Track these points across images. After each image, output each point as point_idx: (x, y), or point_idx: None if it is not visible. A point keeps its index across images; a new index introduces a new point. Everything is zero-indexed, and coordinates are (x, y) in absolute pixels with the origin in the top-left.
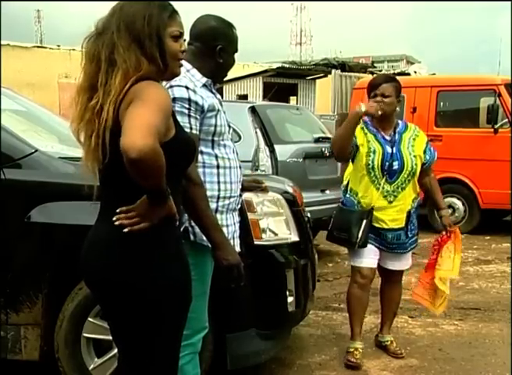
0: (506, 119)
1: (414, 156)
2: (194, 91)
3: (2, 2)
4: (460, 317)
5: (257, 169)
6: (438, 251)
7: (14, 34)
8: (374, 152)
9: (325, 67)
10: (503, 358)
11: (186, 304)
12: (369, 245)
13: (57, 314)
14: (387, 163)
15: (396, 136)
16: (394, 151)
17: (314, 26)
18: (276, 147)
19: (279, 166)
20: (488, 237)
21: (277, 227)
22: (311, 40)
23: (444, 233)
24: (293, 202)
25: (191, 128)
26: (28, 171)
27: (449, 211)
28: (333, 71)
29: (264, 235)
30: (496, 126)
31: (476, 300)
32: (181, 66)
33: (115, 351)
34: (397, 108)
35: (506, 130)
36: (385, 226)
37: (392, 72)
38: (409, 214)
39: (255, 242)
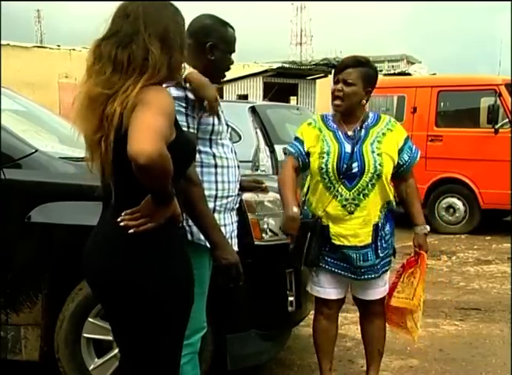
0: (507, 119)
1: (379, 155)
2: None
3: (2, 2)
4: (460, 317)
5: (257, 170)
6: (400, 275)
7: (14, 34)
8: (328, 153)
9: (325, 67)
10: (504, 358)
11: (189, 303)
12: (330, 272)
13: (57, 314)
14: (344, 165)
15: (363, 131)
16: (355, 150)
17: (314, 26)
18: (276, 147)
19: (279, 166)
20: (488, 238)
21: (277, 227)
22: (311, 40)
23: (412, 255)
24: None
25: (189, 127)
26: (28, 171)
27: (427, 229)
28: (333, 71)
29: (264, 235)
30: (496, 127)
31: (476, 300)
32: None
33: (116, 351)
34: (363, 101)
35: (507, 130)
36: (347, 243)
37: (392, 72)
38: (376, 227)
39: (255, 242)
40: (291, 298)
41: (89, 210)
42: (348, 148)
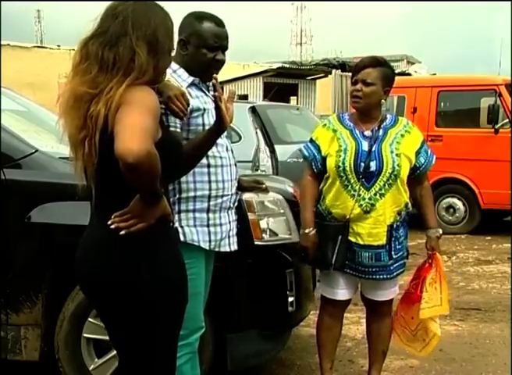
0: (507, 120)
1: (397, 155)
2: None
3: (2, 2)
4: (460, 318)
5: (257, 170)
6: (421, 285)
7: (14, 34)
8: (345, 151)
9: (325, 67)
10: (504, 358)
11: (182, 303)
12: (341, 272)
13: (57, 314)
14: (362, 164)
15: (381, 131)
16: (373, 149)
17: (314, 26)
18: (276, 147)
19: (279, 166)
20: (488, 238)
21: (277, 228)
22: (311, 40)
23: (425, 260)
24: (293, 203)
25: (169, 126)
26: (28, 171)
27: (440, 232)
28: (334, 71)
29: (264, 235)
30: (496, 127)
31: (477, 300)
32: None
33: (116, 351)
34: (383, 101)
35: (507, 130)
36: (361, 242)
37: None
38: (391, 228)
39: (256, 242)
40: (291, 299)
41: (89, 210)
42: (365, 146)
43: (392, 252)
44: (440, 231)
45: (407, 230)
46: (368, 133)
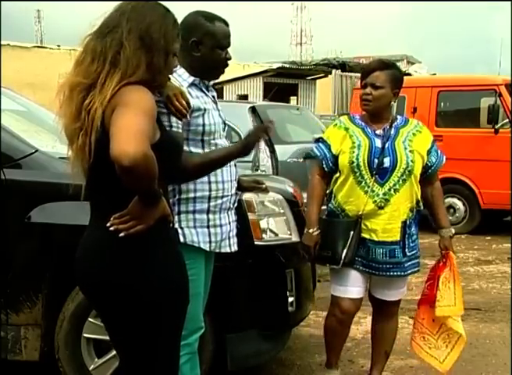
0: (507, 120)
1: (411, 151)
2: None
3: (2, 2)
4: (460, 317)
5: (257, 170)
6: (436, 284)
7: (14, 34)
8: (359, 147)
9: (325, 67)
10: (504, 358)
11: (184, 303)
12: (355, 270)
13: (57, 314)
14: (376, 160)
15: (392, 130)
16: (386, 146)
17: (315, 26)
18: (277, 147)
19: (279, 167)
20: (488, 238)
21: (277, 228)
22: (311, 40)
23: (439, 259)
24: (293, 203)
25: (171, 126)
26: (28, 171)
27: (452, 231)
28: (334, 71)
29: (264, 235)
30: (496, 127)
31: (477, 300)
32: (169, 78)
33: (116, 352)
34: (392, 103)
35: (507, 130)
36: (375, 238)
37: None
38: (404, 224)
39: (256, 242)
40: (291, 299)
41: (89, 210)
42: (378, 142)
43: (406, 250)
44: (453, 231)
45: (418, 230)
46: (379, 132)
